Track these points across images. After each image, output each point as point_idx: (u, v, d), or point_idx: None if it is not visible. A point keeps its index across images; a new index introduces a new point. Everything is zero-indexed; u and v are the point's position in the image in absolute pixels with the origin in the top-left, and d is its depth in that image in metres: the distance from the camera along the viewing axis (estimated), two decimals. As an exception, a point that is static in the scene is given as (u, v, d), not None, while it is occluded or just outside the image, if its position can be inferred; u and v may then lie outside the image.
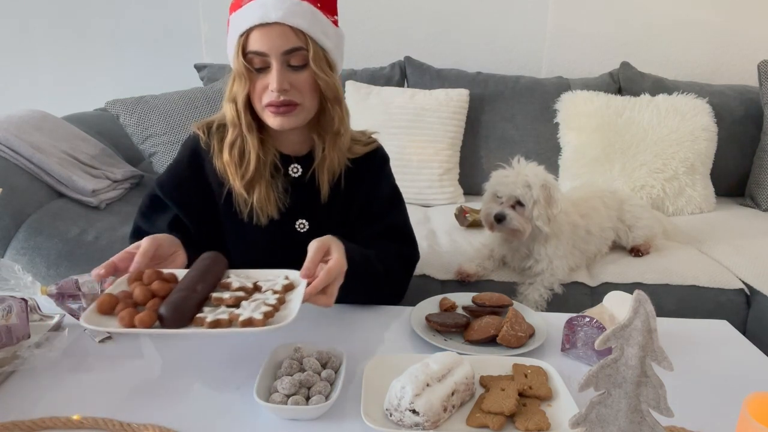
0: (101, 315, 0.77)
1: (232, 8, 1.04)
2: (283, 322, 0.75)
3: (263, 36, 0.99)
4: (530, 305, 1.46)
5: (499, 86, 2.33)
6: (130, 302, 0.79)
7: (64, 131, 1.98)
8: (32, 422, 0.72)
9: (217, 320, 0.75)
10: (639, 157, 2.10)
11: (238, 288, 0.84)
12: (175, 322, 0.75)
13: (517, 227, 1.45)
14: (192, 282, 0.81)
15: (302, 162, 1.13)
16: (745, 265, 1.64)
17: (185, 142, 1.16)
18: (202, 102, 2.10)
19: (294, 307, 0.79)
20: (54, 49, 2.65)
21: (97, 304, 0.78)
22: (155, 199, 1.14)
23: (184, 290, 0.79)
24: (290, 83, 1.01)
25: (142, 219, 1.16)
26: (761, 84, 2.27)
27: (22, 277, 0.94)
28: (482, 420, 0.73)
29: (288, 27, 0.99)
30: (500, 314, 1.01)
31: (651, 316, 0.57)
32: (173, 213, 1.12)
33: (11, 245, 1.57)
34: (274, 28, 0.98)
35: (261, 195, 1.08)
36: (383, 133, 1.27)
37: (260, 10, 0.98)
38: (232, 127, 1.06)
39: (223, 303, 0.80)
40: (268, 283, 0.86)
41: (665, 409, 0.59)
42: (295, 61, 1.01)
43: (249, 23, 0.99)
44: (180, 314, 0.75)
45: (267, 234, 1.12)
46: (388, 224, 1.20)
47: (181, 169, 1.14)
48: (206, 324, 0.75)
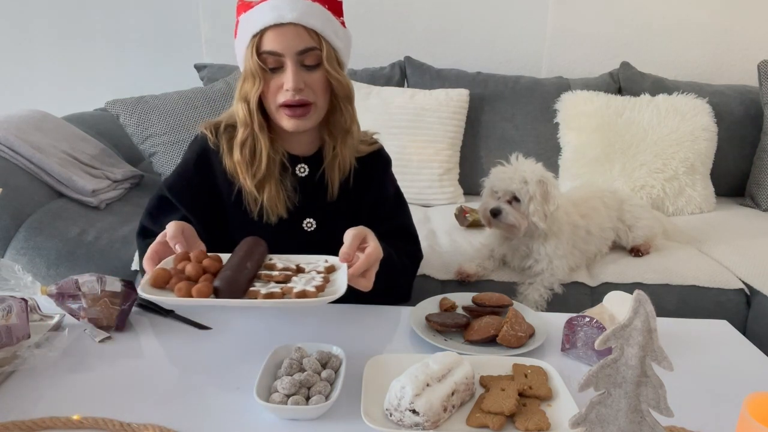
0: (156, 288, 0.79)
1: (241, 9, 1.05)
2: (334, 295, 0.79)
3: (278, 36, 1.00)
4: (530, 305, 1.46)
5: (499, 86, 2.33)
6: (184, 277, 0.81)
7: (64, 131, 1.98)
8: (32, 422, 0.72)
9: (270, 293, 0.78)
10: (639, 157, 2.10)
11: (283, 268, 0.87)
12: (230, 293, 0.78)
13: (513, 222, 1.45)
14: (241, 260, 0.84)
15: (309, 162, 1.14)
16: (745, 265, 1.64)
17: (192, 143, 1.16)
18: (202, 102, 2.10)
19: (341, 283, 0.82)
20: (54, 49, 2.65)
21: (151, 277, 0.80)
22: (163, 200, 1.14)
23: (236, 266, 0.82)
24: (305, 82, 1.02)
25: (149, 219, 1.15)
26: (761, 84, 2.27)
27: (22, 277, 0.94)
28: (482, 420, 0.73)
29: (302, 27, 1.00)
30: (500, 314, 1.01)
31: (651, 316, 0.57)
32: (181, 214, 1.12)
33: (11, 245, 1.57)
34: (288, 29, 1.00)
35: (271, 194, 1.09)
36: (383, 133, 1.27)
37: (274, 11, 0.99)
38: (244, 127, 1.07)
39: (273, 279, 0.84)
40: (311, 266, 0.90)
41: (665, 409, 0.59)
42: (309, 60, 1.02)
43: (263, 23, 1.00)
44: (235, 286, 0.78)
45: (275, 233, 1.12)
46: (396, 225, 1.22)
47: (189, 170, 1.14)
48: (260, 296, 0.78)
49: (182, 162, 1.17)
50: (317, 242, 1.12)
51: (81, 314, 0.95)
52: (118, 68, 2.67)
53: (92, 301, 0.94)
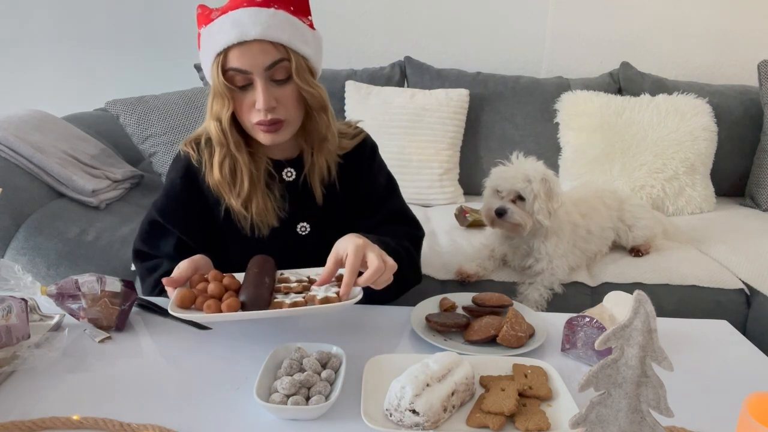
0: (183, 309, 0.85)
1: (201, 20, 1.01)
2: (356, 298, 0.86)
3: (243, 54, 0.96)
4: (530, 305, 1.46)
5: (499, 86, 2.33)
6: (208, 296, 0.86)
7: (64, 131, 1.98)
8: (32, 422, 0.72)
9: (295, 302, 0.84)
10: (639, 157, 2.10)
11: (297, 281, 0.93)
12: (257, 306, 0.83)
13: (519, 221, 1.45)
14: (258, 276, 0.89)
15: (295, 165, 1.12)
16: (745, 265, 1.64)
17: (175, 161, 1.14)
18: (202, 102, 2.10)
19: (356, 291, 0.88)
20: (54, 49, 2.65)
21: (177, 298, 0.85)
22: (156, 225, 1.13)
23: (255, 282, 0.87)
24: (276, 99, 0.99)
25: (144, 244, 1.14)
26: (761, 84, 2.27)
27: (22, 277, 0.94)
28: (482, 420, 0.73)
29: (268, 42, 0.96)
30: (500, 314, 1.01)
31: (651, 316, 0.57)
32: (176, 236, 1.11)
33: (11, 245, 1.57)
34: (253, 45, 0.96)
35: (259, 208, 1.07)
36: (383, 133, 1.27)
37: (236, 27, 0.95)
38: (220, 146, 1.04)
39: (292, 290, 0.90)
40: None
41: (665, 409, 0.59)
42: (279, 74, 0.99)
43: (226, 41, 0.95)
44: (260, 299, 0.84)
45: (270, 242, 1.11)
46: (390, 211, 1.20)
47: (177, 191, 1.12)
48: (286, 305, 0.83)
49: (168, 183, 1.14)
50: (314, 244, 1.12)
51: (81, 314, 0.95)
52: (118, 68, 2.67)
53: (92, 301, 0.94)
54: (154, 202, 1.15)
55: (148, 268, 1.13)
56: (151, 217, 1.14)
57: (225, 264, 1.01)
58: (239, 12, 0.96)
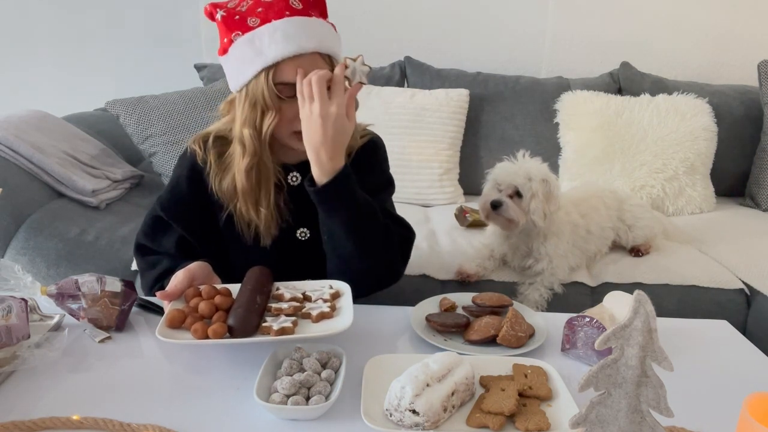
0: (172, 329, 0.85)
1: (234, 27, 0.99)
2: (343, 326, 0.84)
3: (297, 66, 0.96)
4: (530, 305, 1.46)
5: (499, 86, 2.33)
6: (198, 316, 0.87)
7: (64, 131, 1.98)
8: (32, 422, 0.72)
9: (282, 328, 0.84)
10: (639, 157, 2.10)
11: (291, 298, 0.93)
12: (244, 332, 0.83)
13: (513, 217, 1.45)
14: (251, 295, 0.89)
15: (300, 169, 1.12)
16: (745, 265, 1.64)
17: (182, 158, 1.14)
18: (202, 102, 2.10)
19: (348, 314, 0.88)
20: (54, 49, 2.65)
21: (167, 319, 0.85)
22: (158, 220, 1.13)
23: (246, 303, 0.87)
24: None
25: (146, 239, 1.14)
26: (761, 84, 2.27)
27: (22, 277, 0.94)
28: (482, 420, 0.73)
29: (318, 54, 0.97)
30: (500, 314, 1.01)
31: (651, 316, 0.57)
32: (178, 233, 1.11)
33: (11, 245, 1.57)
34: (306, 58, 0.97)
35: (267, 217, 1.08)
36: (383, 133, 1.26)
37: (291, 40, 0.95)
38: (251, 155, 1.03)
39: (283, 313, 0.89)
40: (317, 293, 0.95)
41: (665, 409, 0.59)
42: None
43: (281, 54, 0.95)
44: (248, 324, 0.84)
45: (270, 249, 1.11)
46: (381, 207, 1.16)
47: (182, 188, 1.12)
48: (273, 332, 0.83)
49: (174, 179, 1.14)
50: (313, 250, 1.12)
51: (81, 314, 0.95)
52: (118, 68, 2.67)
53: (92, 301, 0.94)
54: (159, 197, 1.15)
55: (149, 263, 1.13)
56: (154, 212, 1.14)
57: (225, 264, 1.00)
58: (285, 23, 0.97)
